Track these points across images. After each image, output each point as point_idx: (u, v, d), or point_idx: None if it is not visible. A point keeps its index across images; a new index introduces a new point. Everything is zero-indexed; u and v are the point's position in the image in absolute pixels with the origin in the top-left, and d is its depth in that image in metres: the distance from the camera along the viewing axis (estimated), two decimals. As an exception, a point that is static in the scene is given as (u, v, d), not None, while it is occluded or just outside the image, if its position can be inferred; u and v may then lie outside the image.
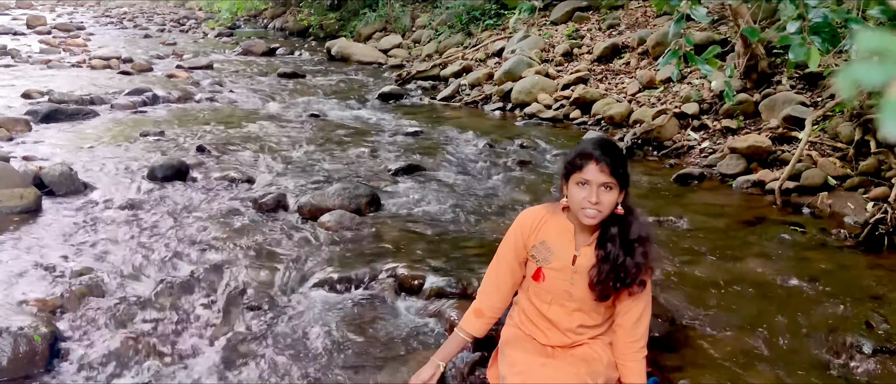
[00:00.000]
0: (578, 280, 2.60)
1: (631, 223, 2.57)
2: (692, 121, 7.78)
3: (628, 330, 2.63)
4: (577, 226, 2.62)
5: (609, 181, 2.45)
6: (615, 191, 2.48)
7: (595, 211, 2.47)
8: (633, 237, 2.54)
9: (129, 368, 3.46)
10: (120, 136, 8.04)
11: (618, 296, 2.63)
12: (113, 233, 4.97)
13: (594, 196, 2.45)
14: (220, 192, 6.02)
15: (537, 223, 2.70)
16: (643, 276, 2.58)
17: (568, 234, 2.64)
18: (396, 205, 5.75)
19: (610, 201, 2.47)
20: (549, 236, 2.67)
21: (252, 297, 4.12)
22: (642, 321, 2.64)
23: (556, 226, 2.67)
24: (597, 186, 2.45)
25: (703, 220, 5.42)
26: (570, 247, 2.63)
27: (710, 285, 4.21)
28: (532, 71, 10.75)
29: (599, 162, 2.44)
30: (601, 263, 2.55)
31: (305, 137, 8.25)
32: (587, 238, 2.61)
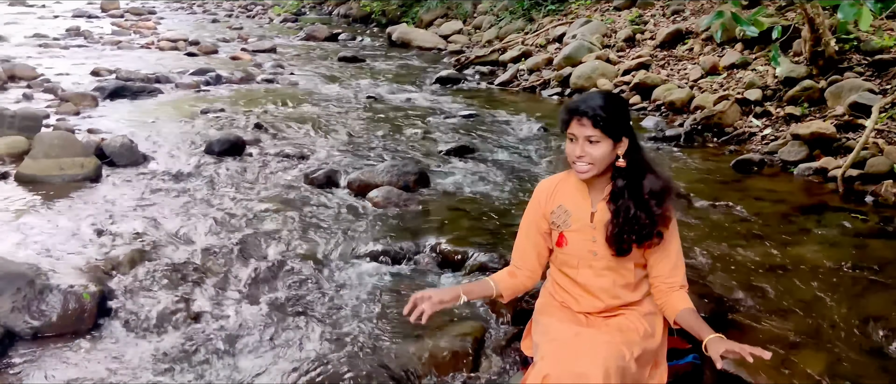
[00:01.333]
0: (599, 236, 2.57)
1: (642, 175, 2.52)
2: (755, 107, 7.54)
3: (665, 277, 2.61)
4: (590, 184, 2.60)
5: (592, 134, 2.42)
6: (604, 143, 2.44)
7: (585, 165, 2.47)
8: (646, 191, 2.51)
9: (174, 329, 3.54)
10: (181, 113, 8.22)
11: (643, 250, 2.59)
12: (167, 202, 5.09)
13: (579, 149, 2.45)
14: (273, 167, 6.10)
15: (552, 189, 2.70)
16: (660, 228, 2.53)
17: (582, 192, 2.62)
18: (445, 183, 5.74)
19: (598, 154, 2.45)
20: (566, 198, 2.65)
21: (298, 266, 4.16)
22: (678, 268, 2.62)
23: (571, 187, 2.66)
24: (582, 140, 2.45)
25: (760, 206, 5.25)
26: (587, 205, 2.60)
27: (763, 269, 4.08)
28: (592, 56, 10.60)
29: (581, 117, 2.42)
30: (614, 218, 2.52)
31: (360, 118, 8.31)
32: (601, 193, 2.59)
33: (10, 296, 3.33)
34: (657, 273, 2.62)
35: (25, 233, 4.33)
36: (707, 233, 4.65)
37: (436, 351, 3.26)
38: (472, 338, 3.33)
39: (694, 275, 3.98)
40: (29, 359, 3.16)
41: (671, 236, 2.60)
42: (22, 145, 5.90)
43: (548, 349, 2.45)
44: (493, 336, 3.41)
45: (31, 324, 3.32)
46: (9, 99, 8.38)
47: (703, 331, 2.42)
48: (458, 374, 3.17)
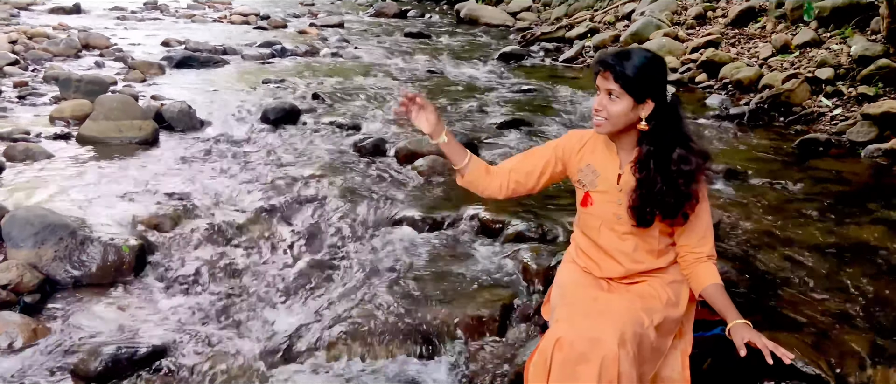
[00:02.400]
0: (625, 200, 2.47)
1: (670, 146, 2.38)
2: (825, 86, 7.20)
3: (692, 247, 2.50)
4: (618, 144, 2.50)
5: (613, 88, 2.32)
6: (624, 101, 2.33)
7: (600, 119, 2.39)
8: (673, 167, 2.37)
9: (210, 284, 3.62)
10: (243, 83, 8.35)
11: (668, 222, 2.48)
12: (218, 166, 5.18)
13: (598, 102, 2.37)
14: (325, 136, 6.14)
15: (582, 144, 2.61)
16: (687, 209, 2.41)
17: (611, 151, 2.53)
18: (494, 155, 5.67)
19: (616, 111, 2.35)
20: (595, 158, 2.56)
21: (337, 229, 4.19)
22: (706, 239, 2.50)
23: (601, 145, 2.57)
24: (603, 93, 2.36)
25: (821, 186, 5.02)
26: (615, 165, 2.51)
27: (815, 248, 3.89)
28: (660, 33, 10.33)
29: (606, 69, 2.33)
30: (639, 188, 2.41)
31: (420, 91, 8.28)
32: (629, 155, 2.48)
33: (52, 245, 3.44)
34: (684, 242, 2.52)
35: (77, 189, 4.47)
36: (760, 211, 4.47)
37: (464, 315, 3.23)
38: (501, 305, 3.30)
39: (741, 251, 3.84)
40: (68, 307, 3.27)
41: (702, 207, 2.48)
42: (86, 108, 6.09)
43: (563, 313, 2.38)
44: (523, 303, 3.35)
45: (71, 273, 3.44)
46: (81, 66, 8.68)
47: (728, 314, 2.34)
48: (484, 339, 3.14)
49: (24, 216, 3.54)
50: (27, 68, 8.27)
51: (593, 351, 2.17)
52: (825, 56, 7.70)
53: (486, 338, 3.14)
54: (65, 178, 4.65)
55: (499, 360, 2.96)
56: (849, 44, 7.75)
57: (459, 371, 2.95)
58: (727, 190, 4.90)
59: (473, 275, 3.65)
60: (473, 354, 3.04)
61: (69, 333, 3.01)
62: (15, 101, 6.80)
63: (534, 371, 2.28)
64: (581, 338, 2.20)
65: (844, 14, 8.41)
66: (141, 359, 2.80)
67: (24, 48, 9.17)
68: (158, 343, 2.93)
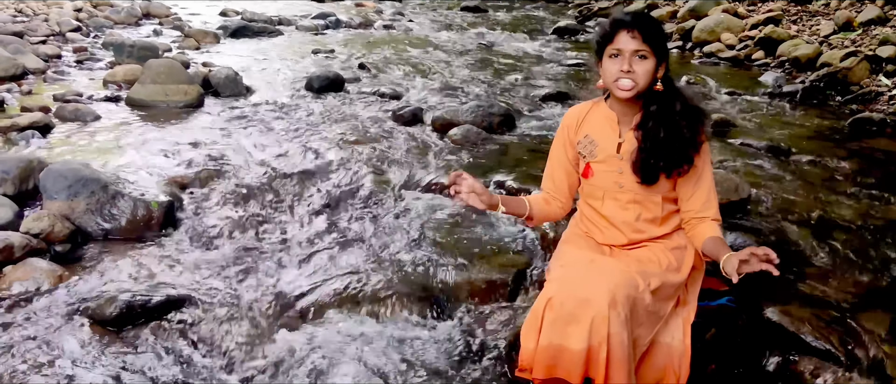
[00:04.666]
0: (625, 168, 2.43)
1: (674, 101, 2.35)
2: (886, 65, 6.91)
3: (696, 212, 2.45)
4: (620, 113, 2.45)
5: (641, 48, 2.25)
6: (650, 60, 2.28)
7: (629, 81, 2.29)
8: (676, 111, 2.34)
9: (235, 242, 3.71)
10: (294, 53, 8.48)
11: (673, 181, 2.44)
12: (258, 131, 5.28)
13: (627, 64, 2.27)
14: (366, 104, 6.20)
15: (580, 118, 2.56)
16: (691, 153, 2.36)
17: (611, 123, 2.47)
18: (531, 127, 5.64)
19: (644, 71, 2.28)
20: (592, 128, 2.52)
21: (365, 193, 4.24)
22: (710, 202, 2.45)
23: (599, 116, 2.52)
24: (629, 54, 2.27)
25: (868, 166, 4.84)
26: (614, 136, 2.46)
27: (852, 226, 3.76)
28: (719, 9, 10.07)
29: (631, 28, 2.26)
30: (643, 143, 2.37)
31: (467, 63, 8.28)
32: (629, 124, 2.43)
33: (84, 198, 3.58)
34: (689, 207, 2.47)
35: (117, 148, 4.63)
36: (799, 188, 4.35)
37: (476, 280, 3.25)
38: (514, 270, 3.30)
39: (771, 225, 3.74)
40: (95, 258, 3.40)
41: (704, 167, 2.44)
42: (137, 73, 6.27)
43: (557, 274, 2.38)
44: (536, 270, 3.34)
45: (101, 225, 3.56)
46: (141, 33, 8.96)
47: (720, 253, 2.26)
48: (494, 303, 3.15)
49: (59, 170, 3.69)
50: (88, 35, 8.57)
51: (583, 311, 2.16)
52: (888, 34, 7.39)
53: (496, 302, 3.15)
54: (108, 138, 4.82)
55: (505, 325, 2.97)
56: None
57: (466, 333, 2.96)
58: (767, 165, 4.77)
59: (492, 241, 3.65)
60: (482, 318, 3.05)
61: (92, 281, 3.13)
62: (73, 65, 7.06)
63: (526, 330, 2.28)
64: (571, 298, 2.19)
65: (912, -11, 8.05)
66: (154, 308, 2.89)
67: (88, 16, 9.49)
68: (174, 294, 3.02)
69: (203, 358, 2.80)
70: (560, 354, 2.20)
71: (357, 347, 2.89)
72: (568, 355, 2.19)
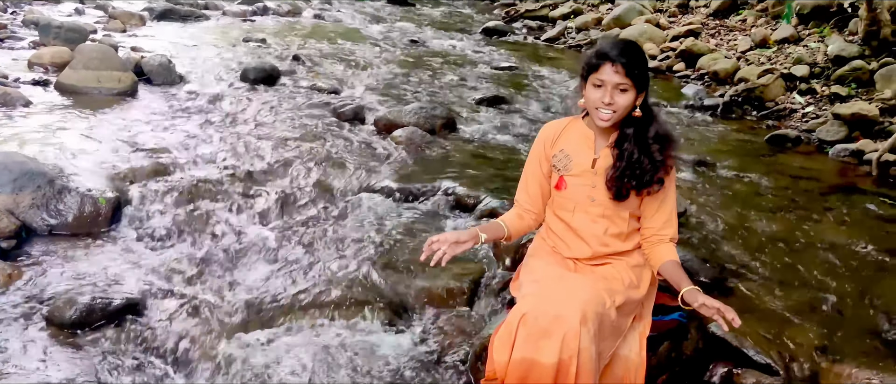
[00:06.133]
0: (599, 183, 2.57)
1: (649, 124, 2.51)
2: (799, 83, 7.35)
3: (657, 230, 2.61)
4: (597, 131, 2.59)
5: (623, 83, 2.40)
6: (631, 92, 2.43)
7: (609, 112, 2.44)
8: (650, 136, 2.50)
9: (184, 241, 3.66)
10: (224, 40, 8.32)
11: (641, 199, 2.59)
12: (196, 122, 5.19)
13: (608, 96, 2.41)
14: (304, 99, 6.16)
15: (557, 133, 2.69)
16: (660, 175, 2.52)
17: (588, 140, 2.61)
18: (472, 130, 5.74)
19: (624, 103, 2.43)
20: (569, 144, 2.64)
21: (313, 194, 4.25)
22: (670, 222, 2.61)
23: (576, 133, 2.65)
24: (611, 87, 2.41)
25: (788, 181, 5.16)
26: (590, 152, 2.60)
27: (778, 241, 4.02)
28: (642, 19, 10.41)
29: (615, 63, 2.39)
30: (617, 162, 2.52)
31: (399, 60, 8.31)
32: (606, 141, 2.58)
33: (29, 193, 3.47)
34: (650, 225, 2.62)
35: (56, 137, 4.47)
36: (727, 202, 4.60)
37: (433, 287, 3.32)
38: (470, 279, 3.38)
39: (704, 240, 3.95)
40: (43, 255, 3.31)
41: (670, 188, 2.59)
42: (66, 56, 6.05)
43: (530, 289, 2.48)
44: (491, 278, 3.44)
45: (47, 221, 3.47)
46: (61, 11, 8.59)
47: (682, 282, 2.43)
48: (453, 311, 3.23)
49: (3, 162, 3.55)
50: (6, 10, 8.16)
51: (556, 327, 2.27)
52: (802, 53, 7.84)
53: (454, 310, 3.23)
54: (43, 126, 4.64)
55: (466, 333, 3.05)
56: (826, 43, 7.89)
57: (427, 340, 3.03)
58: (696, 179, 5.02)
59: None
60: (442, 325, 3.13)
61: (44, 281, 3.05)
62: (-9, 42, 6.73)
63: (499, 343, 2.37)
64: (545, 315, 2.29)
65: (824, 13, 8.55)
66: (115, 311, 2.85)
67: (4, -11, 9.03)
68: (133, 295, 2.98)
69: (163, 361, 2.78)
70: (532, 368, 2.30)
71: (317, 353, 2.92)
72: (539, 368, 2.29)
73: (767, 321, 3.11)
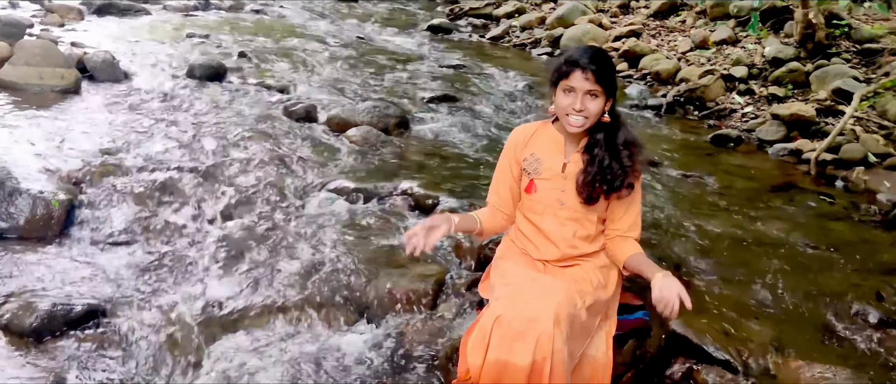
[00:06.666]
0: (568, 187, 2.63)
1: (617, 129, 2.60)
2: (739, 84, 7.57)
3: (623, 232, 2.69)
4: (566, 136, 2.65)
5: (594, 89, 2.47)
6: (600, 99, 2.50)
7: (580, 118, 2.51)
8: (619, 142, 2.58)
9: (141, 243, 3.59)
10: (166, 35, 8.14)
11: (609, 202, 2.66)
12: (144, 121, 5.07)
13: (579, 103, 2.48)
14: (253, 97, 6.08)
15: (528, 137, 2.74)
16: (630, 180, 2.59)
17: (558, 145, 2.67)
18: (425, 130, 5.75)
19: (595, 109, 2.50)
20: (539, 148, 2.70)
21: (269, 195, 4.20)
22: (635, 226, 2.70)
23: (546, 138, 2.70)
24: (582, 93, 2.48)
25: (731, 180, 5.33)
26: (560, 157, 2.66)
27: (726, 240, 4.15)
28: (585, 19, 10.56)
29: (585, 70, 2.45)
30: (588, 167, 2.59)
31: (346, 57, 8.25)
32: (575, 146, 2.65)
33: (-23, 196, 3.35)
34: (616, 226, 2.69)
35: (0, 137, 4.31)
36: (675, 201, 4.72)
37: (396, 289, 3.31)
38: (434, 280, 3.39)
39: (655, 239, 4.05)
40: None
41: (637, 192, 2.67)
42: (4, 51, 5.81)
43: (503, 291, 2.51)
44: (454, 279, 3.46)
45: (-3, 224, 3.35)
46: (-9, 3, 8.26)
47: (650, 271, 2.51)
48: (417, 312, 3.24)
49: (-50, 162, 3.42)
50: (-67, 1, 7.82)
51: (530, 329, 2.31)
52: (740, 55, 8.08)
53: (419, 312, 3.24)
54: (-16, 124, 4.48)
55: (433, 334, 3.07)
56: (763, 44, 8.15)
57: (394, 342, 3.04)
58: (645, 178, 5.11)
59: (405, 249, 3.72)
60: (407, 327, 3.13)
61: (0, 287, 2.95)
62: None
63: (473, 346, 2.40)
64: (519, 317, 2.33)
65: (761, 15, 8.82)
66: (77, 318, 2.78)
67: (-72, -22, 8.64)
68: (94, 301, 2.91)
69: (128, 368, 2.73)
70: (506, 369, 2.34)
71: (282, 356, 2.91)
72: (513, 370, 2.33)
73: (723, 318, 3.22)
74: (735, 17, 9.16)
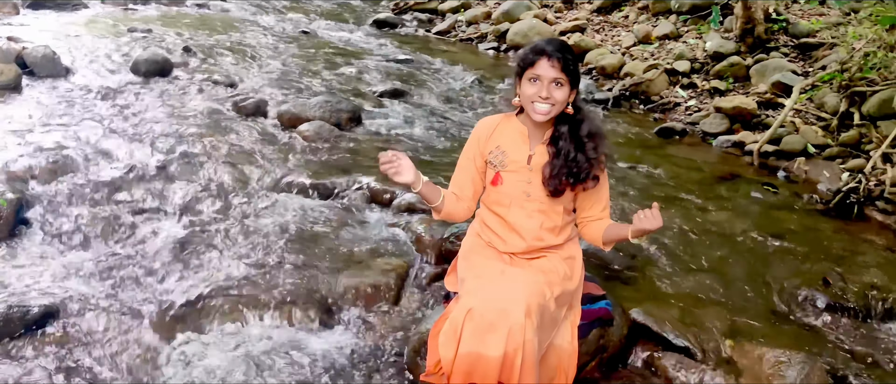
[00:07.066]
0: (534, 178, 2.65)
1: (582, 121, 2.62)
2: (682, 78, 7.75)
3: (596, 221, 2.73)
4: (531, 128, 2.67)
5: (560, 77, 2.49)
6: (566, 88, 2.52)
7: (546, 106, 2.52)
8: (583, 133, 2.60)
9: (94, 242, 3.51)
10: (107, 30, 7.93)
11: (575, 193, 2.69)
12: (90, 117, 4.94)
13: (545, 91, 2.50)
14: (201, 92, 5.97)
15: (492, 130, 2.74)
16: (595, 172, 2.63)
17: (522, 137, 2.68)
18: (378, 124, 5.73)
19: (560, 97, 2.52)
20: (504, 140, 2.71)
21: (223, 191, 4.14)
22: (607, 209, 2.75)
23: (511, 130, 2.71)
24: (548, 82, 2.50)
25: (678, 172, 5.45)
26: (525, 148, 2.67)
27: (677, 230, 4.25)
28: (530, 14, 10.64)
29: (551, 57, 2.48)
30: (554, 159, 2.61)
31: (293, 52, 8.16)
32: (540, 137, 2.66)
33: (-78, 195, 3.22)
34: (587, 214, 2.73)
35: (-63, 134, 4.16)
36: (625, 193, 4.81)
37: (359, 284, 3.31)
38: (396, 274, 3.40)
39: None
40: (-63, 262, 3.08)
41: (603, 182, 2.70)
42: (-63, 46, 5.61)
43: (473, 284, 2.52)
44: (417, 274, 3.47)
45: (-57, 225, 3.23)
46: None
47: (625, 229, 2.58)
48: (381, 307, 3.24)
49: None
50: None
51: (502, 320, 2.33)
52: (682, 50, 8.25)
53: (382, 306, 3.24)
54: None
55: (398, 328, 3.08)
56: (704, 40, 8.35)
57: (360, 338, 3.03)
58: (597, 171, 5.21)
59: (366, 244, 3.72)
60: (372, 322, 3.14)
61: (-52, 289, 2.85)
62: None
63: (444, 339, 2.41)
64: (491, 309, 2.35)
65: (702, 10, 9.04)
66: (34, 319, 2.70)
67: None
68: (50, 302, 2.83)
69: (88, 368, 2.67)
70: (478, 361, 2.36)
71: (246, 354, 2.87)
72: (485, 362, 2.35)
73: (680, 306, 3.30)
74: (676, 13, 9.36)
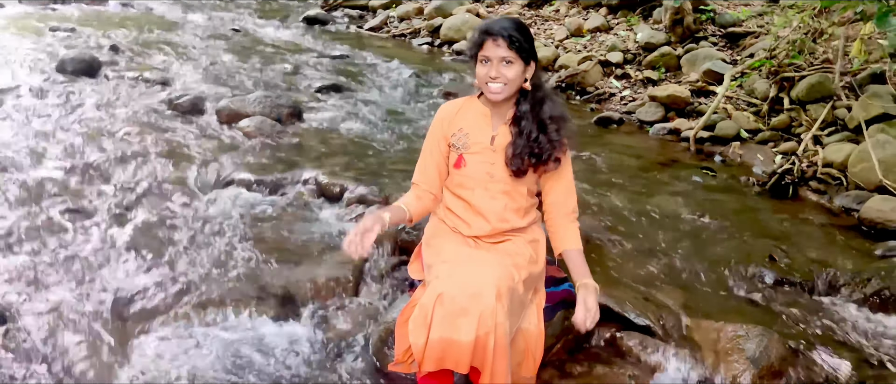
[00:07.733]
0: (498, 159, 2.64)
1: (542, 101, 2.62)
2: (615, 69, 7.89)
3: (560, 204, 2.71)
4: (493, 109, 2.67)
5: (507, 55, 2.49)
6: (517, 65, 2.52)
7: (498, 85, 2.52)
8: (545, 115, 2.60)
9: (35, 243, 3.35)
10: (27, 29, 7.61)
11: (538, 175, 2.69)
12: (17, 118, 4.74)
13: (494, 70, 2.50)
14: (133, 91, 5.78)
15: (454, 113, 2.73)
16: (558, 154, 2.63)
17: (485, 118, 2.68)
18: (319, 119, 5.65)
19: (512, 75, 2.52)
20: (466, 122, 2.69)
21: (167, 190, 4.02)
22: (571, 194, 2.75)
23: (473, 112, 2.71)
24: (497, 61, 2.50)
25: (620, 159, 5.54)
26: (488, 129, 2.67)
27: (623, 215, 4.32)
28: (463, 9, 10.67)
29: (496, 37, 2.48)
30: (516, 139, 2.60)
31: (225, 50, 7.98)
32: (503, 117, 2.66)
33: None
34: (552, 199, 2.72)
35: None
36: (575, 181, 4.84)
37: (316, 277, 3.25)
38: (353, 266, 3.34)
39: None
40: None
41: (566, 165, 2.71)
42: None
43: (442, 269, 2.49)
44: (375, 264, 3.42)
45: None
46: None
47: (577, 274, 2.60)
48: (340, 299, 3.18)
49: None
50: None
51: (473, 304, 2.31)
52: (614, 41, 8.41)
53: (342, 299, 3.18)
54: None
55: (360, 320, 3.03)
56: (635, 31, 8.52)
57: (321, 331, 2.97)
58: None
59: (318, 238, 3.66)
60: (333, 315, 3.08)
61: None
62: None
63: (414, 325, 2.37)
64: (462, 293, 2.33)
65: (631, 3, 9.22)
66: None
67: None
68: (-6, 306, 2.68)
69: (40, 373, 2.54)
70: (450, 347, 2.33)
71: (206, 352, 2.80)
72: (457, 347, 2.32)
73: (636, 287, 3.35)
74: (606, 6, 9.52)
